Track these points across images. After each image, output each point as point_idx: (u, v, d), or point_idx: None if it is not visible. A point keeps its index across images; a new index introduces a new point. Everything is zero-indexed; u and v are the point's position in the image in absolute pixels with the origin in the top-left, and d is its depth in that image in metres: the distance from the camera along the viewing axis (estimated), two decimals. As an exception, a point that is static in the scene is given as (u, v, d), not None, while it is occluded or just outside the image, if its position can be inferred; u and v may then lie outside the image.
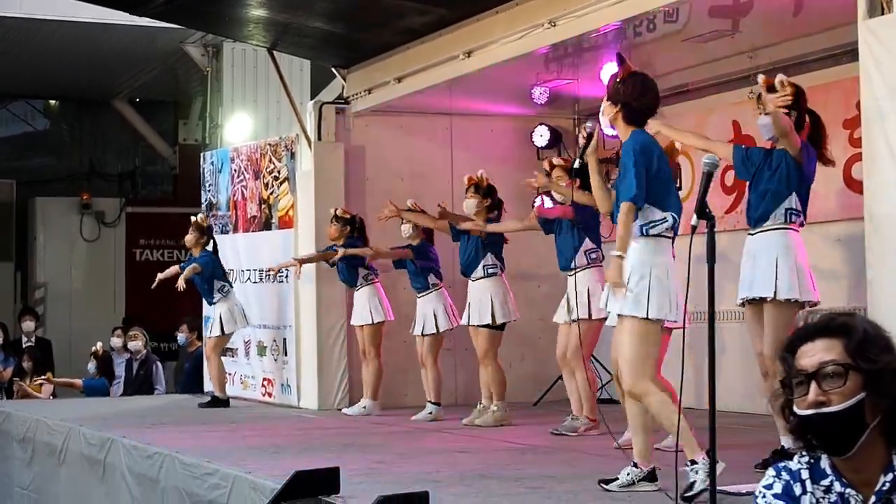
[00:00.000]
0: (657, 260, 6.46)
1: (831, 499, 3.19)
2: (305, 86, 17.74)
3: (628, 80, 6.64)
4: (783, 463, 3.31)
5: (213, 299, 12.95)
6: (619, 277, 6.37)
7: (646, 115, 6.66)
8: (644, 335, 6.45)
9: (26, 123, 23.28)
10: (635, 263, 6.41)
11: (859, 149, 7.62)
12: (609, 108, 6.63)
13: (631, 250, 6.44)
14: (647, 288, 6.36)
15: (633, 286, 6.36)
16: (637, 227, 6.43)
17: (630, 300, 6.36)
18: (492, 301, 10.44)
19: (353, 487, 6.65)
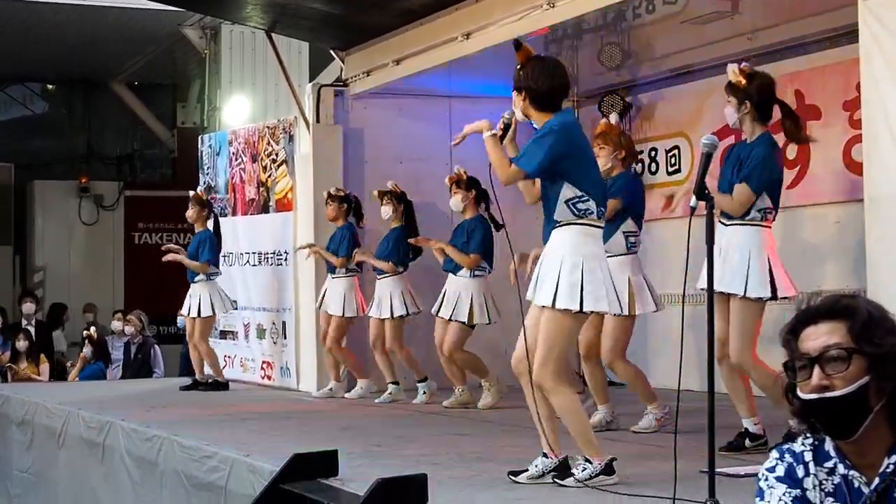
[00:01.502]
0: (590, 251, 6.31)
1: (835, 481, 3.17)
2: (304, 68, 17.71)
3: (527, 65, 6.41)
4: (786, 445, 3.28)
5: (195, 278, 12.93)
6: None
7: (555, 97, 6.41)
8: (570, 329, 6.37)
9: (24, 107, 23.26)
10: (567, 253, 6.25)
11: (859, 130, 7.60)
12: (517, 98, 6.42)
13: (561, 237, 6.29)
14: (581, 281, 6.19)
15: (563, 279, 6.19)
16: (564, 205, 6.23)
17: (563, 294, 6.18)
18: (472, 301, 10.44)
19: (352, 470, 6.65)
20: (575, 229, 6.28)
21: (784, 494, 3.18)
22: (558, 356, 6.29)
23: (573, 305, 6.18)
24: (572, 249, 6.25)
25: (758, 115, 7.35)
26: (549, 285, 6.21)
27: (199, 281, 12.83)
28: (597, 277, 6.26)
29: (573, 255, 6.23)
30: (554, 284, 6.19)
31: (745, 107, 7.33)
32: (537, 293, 6.31)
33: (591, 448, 6.24)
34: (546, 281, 6.25)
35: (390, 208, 11.31)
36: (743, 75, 7.32)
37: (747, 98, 7.32)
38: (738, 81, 7.33)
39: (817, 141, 7.90)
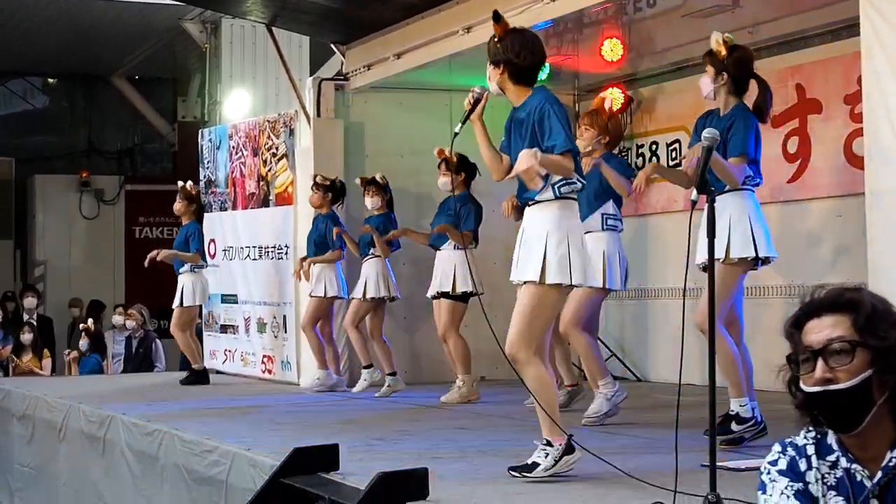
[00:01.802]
0: (573, 224, 6.26)
1: (837, 474, 3.17)
2: (304, 62, 17.71)
3: (507, 38, 6.29)
4: (789, 438, 3.28)
5: (180, 269, 12.95)
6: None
7: (534, 71, 6.33)
8: (554, 304, 6.33)
9: (25, 101, 23.25)
10: (551, 227, 6.16)
11: (860, 124, 7.61)
12: (493, 72, 6.31)
13: (542, 213, 6.21)
14: (568, 253, 6.14)
15: (551, 252, 6.12)
16: (550, 187, 6.16)
17: (551, 268, 6.11)
18: (455, 271, 10.42)
19: (353, 464, 6.64)
20: (556, 204, 6.21)
21: (786, 488, 3.17)
22: (539, 331, 6.22)
23: (564, 279, 6.13)
24: (556, 224, 6.18)
25: (733, 87, 7.34)
26: (536, 261, 6.13)
27: (184, 272, 12.87)
28: (581, 251, 6.22)
29: (558, 230, 6.17)
30: (541, 260, 6.11)
31: (722, 78, 7.33)
32: (520, 271, 6.23)
33: (554, 428, 6.16)
34: (531, 257, 6.17)
35: (378, 199, 11.31)
36: (725, 46, 7.31)
37: (724, 70, 7.32)
38: (718, 50, 7.32)
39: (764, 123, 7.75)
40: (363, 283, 11.25)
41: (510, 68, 6.26)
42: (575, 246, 6.18)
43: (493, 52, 6.32)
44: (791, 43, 10.70)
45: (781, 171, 10.76)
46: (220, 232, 14.15)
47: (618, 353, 12.63)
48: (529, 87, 6.33)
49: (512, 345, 6.14)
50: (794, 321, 3.20)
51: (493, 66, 6.32)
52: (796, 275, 10.65)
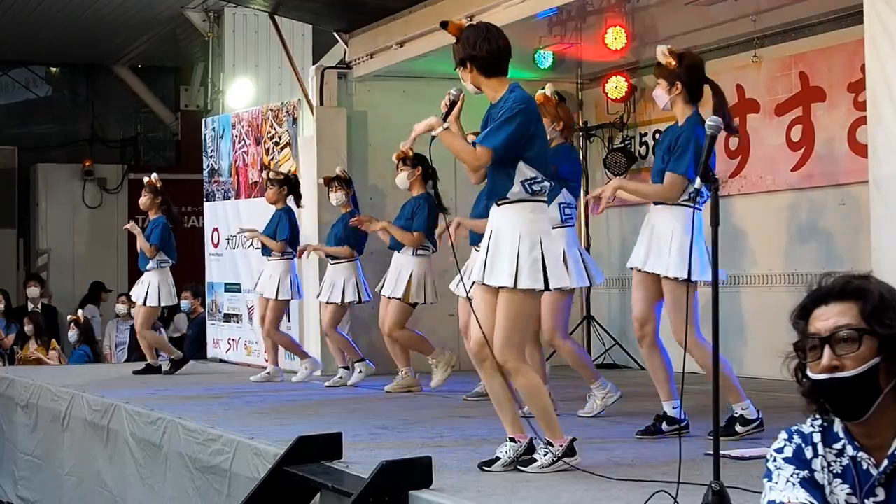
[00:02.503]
0: (545, 227, 6.20)
1: (843, 462, 3.17)
2: (307, 51, 17.66)
3: (462, 36, 6.26)
4: (795, 426, 3.28)
5: (147, 266, 12.93)
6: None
7: (501, 59, 6.24)
8: (532, 308, 6.28)
9: (28, 90, 23.22)
10: (524, 230, 6.09)
11: (864, 112, 7.59)
12: (464, 74, 6.28)
13: (512, 215, 6.14)
14: (542, 257, 6.07)
15: (524, 257, 6.05)
16: (520, 185, 6.09)
17: (524, 273, 6.04)
18: (410, 278, 10.39)
19: (356, 453, 6.65)
20: (527, 206, 6.14)
21: (792, 476, 3.17)
22: (521, 337, 6.20)
23: (538, 285, 6.07)
24: (528, 227, 6.10)
25: (688, 95, 7.29)
26: (508, 265, 6.06)
27: (150, 269, 12.84)
28: (554, 253, 6.16)
29: (531, 233, 6.09)
30: (513, 264, 6.04)
31: (676, 88, 7.28)
32: (491, 274, 6.14)
33: (552, 430, 6.15)
34: (502, 261, 6.09)
35: (342, 194, 11.27)
36: (672, 56, 7.28)
37: (678, 79, 7.27)
38: (668, 63, 7.29)
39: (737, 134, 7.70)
40: (340, 288, 11.22)
41: (477, 63, 6.21)
42: (548, 249, 6.12)
43: (456, 56, 6.28)
44: (794, 31, 10.69)
45: (785, 159, 10.75)
46: (223, 221, 14.15)
47: (621, 342, 12.64)
48: (504, 79, 6.27)
49: (500, 353, 6.09)
50: (801, 309, 3.20)
51: (461, 69, 6.28)
52: (800, 263, 10.65)
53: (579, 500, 5.32)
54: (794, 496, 3.13)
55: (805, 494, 3.13)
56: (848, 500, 3.15)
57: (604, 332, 12.86)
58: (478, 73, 6.22)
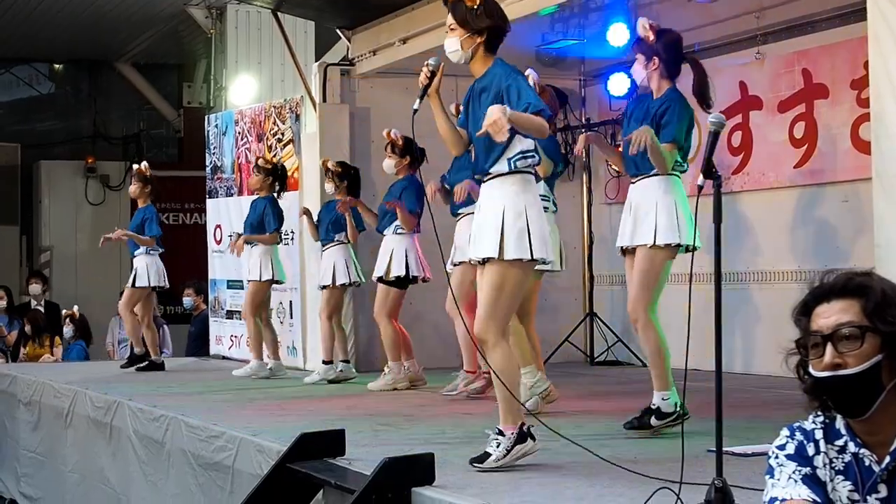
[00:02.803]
0: (530, 199, 6.12)
1: (845, 459, 3.17)
2: (310, 47, 17.67)
3: (484, 4, 6.18)
4: (797, 423, 3.27)
5: (135, 252, 12.97)
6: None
7: (503, 38, 6.29)
8: (519, 280, 6.13)
9: (31, 87, 23.22)
10: (508, 202, 6.04)
11: (867, 109, 7.59)
12: (469, 39, 6.18)
13: (500, 187, 6.09)
14: (527, 227, 6.01)
15: (509, 227, 5.99)
16: (505, 160, 6.05)
17: (510, 242, 5.98)
18: (391, 256, 10.41)
19: (359, 450, 6.65)
20: (515, 178, 6.11)
21: (794, 472, 3.18)
22: (506, 311, 6.11)
23: (524, 254, 6.01)
24: (514, 198, 6.07)
25: (665, 71, 7.30)
26: (493, 236, 6.02)
27: (139, 254, 12.87)
28: (540, 225, 6.11)
29: (515, 204, 6.05)
30: (498, 234, 6.00)
31: (654, 63, 7.30)
32: (478, 246, 6.12)
33: (510, 414, 6.07)
34: (487, 232, 6.06)
35: (331, 185, 11.29)
36: (652, 30, 7.29)
37: (655, 54, 7.29)
38: (646, 36, 7.30)
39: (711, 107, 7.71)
40: (331, 271, 11.23)
41: (491, 34, 6.20)
42: (534, 220, 6.06)
43: (472, 19, 6.18)
44: (797, 27, 10.69)
45: (788, 156, 10.75)
46: (225, 218, 14.15)
47: (623, 339, 12.64)
48: (493, 56, 6.27)
49: (479, 326, 6.03)
50: (802, 306, 3.19)
51: (471, 33, 6.19)
52: (803, 260, 10.65)
53: (583, 496, 5.32)
54: (796, 493, 3.13)
55: (808, 491, 3.12)
56: (850, 497, 3.14)
57: (606, 328, 12.86)
58: (484, 43, 6.21)
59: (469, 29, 6.20)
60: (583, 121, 13.07)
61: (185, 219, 21.03)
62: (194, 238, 16.03)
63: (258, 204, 11.94)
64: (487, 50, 6.24)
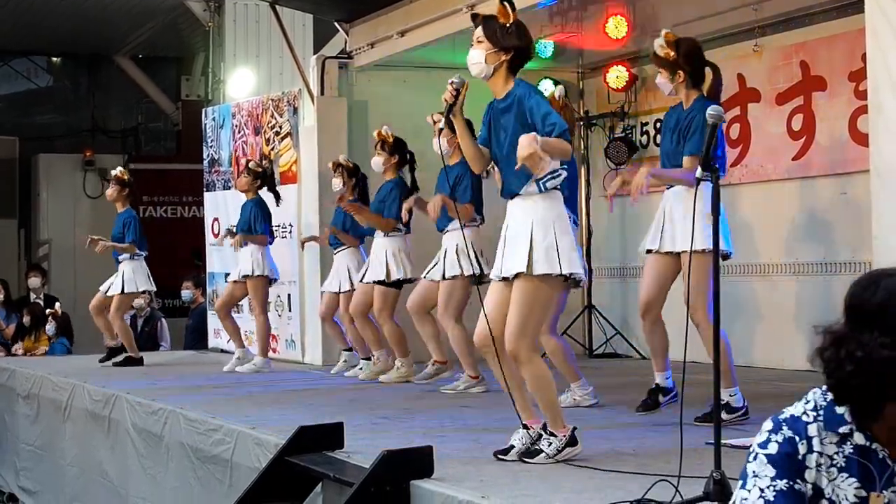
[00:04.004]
0: (558, 213, 6.16)
1: (846, 451, 2.89)
2: (308, 40, 17.64)
3: (515, 25, 6.19)
4: (785, 413, 2.95)
5: (119, 257, 12.97)
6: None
7: (525, 62, 6.30)
8: (548, 295, 6.19)
9: (29, 80, 23.20)
10: (537, 217, 6.08)
11: (864, 101, 7.58)
12: (495, 56, 6.16)
13: (528, 204, 6.12)
14: (555, 242, 6.05)
15: (538, 243, 6.03)
16: (535, 183, 6.07)
17: (539, 258, 6.02)
18: (387, 258, 10.40)
19: (358, 442, 6.65)
20: (543, 194, 6.13)
21: (768, 487, 2.88)
22: (535, 326, 6.16)
23: (552, 269, 6.04)
24: (542, 213, 6.10)
25: (691, 81, 7.39)
26: (522, 251, 6.05)
27: (123, 260, 12.87)
28: (569, 239, 6.14)
29: (544, 219, 6.09)
30: (527, 249, 6.03)
31: (679, 77, 7.39)
32: (507, 262, 6.14)
33: (558, 421, 6.14)
34: (517, 250, 6.08)
35: (340, 181, 11.24)
36: (670, 47, 7.33)
37: (678, 67, 7.36)
38: (666, 55, 7.35)
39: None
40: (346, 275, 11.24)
41: (517, 55, 6.22)
42: (562, 235, 6.10)
43: (501, 35, 6.19)
44: (795, 20, 10.68)
45: (786, 148, 10.75)
46: (223, 211, 14.14)
47: (622, 331, 12.64)
48: (514, 78, 6.28)
49: (511, 342, 6.06)
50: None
51: (497, 49, 6.19)
52: (801, 252, 10.66)
53: (582, 490, 5.32)
54: None
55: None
56: (857, 495, 2.88)
57: (605, 321, 12.86)
58: (508, 62, 6.21)
59: (497, 45, 6.21)
60: (581, 114, 13.06)
61: (182, 212, 21.01)
62: (192, 231, 16.02)
63: (246, 207, 11.94)
64: (510, 70, 6.24)
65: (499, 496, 5.15)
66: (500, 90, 6.27)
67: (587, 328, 13.10)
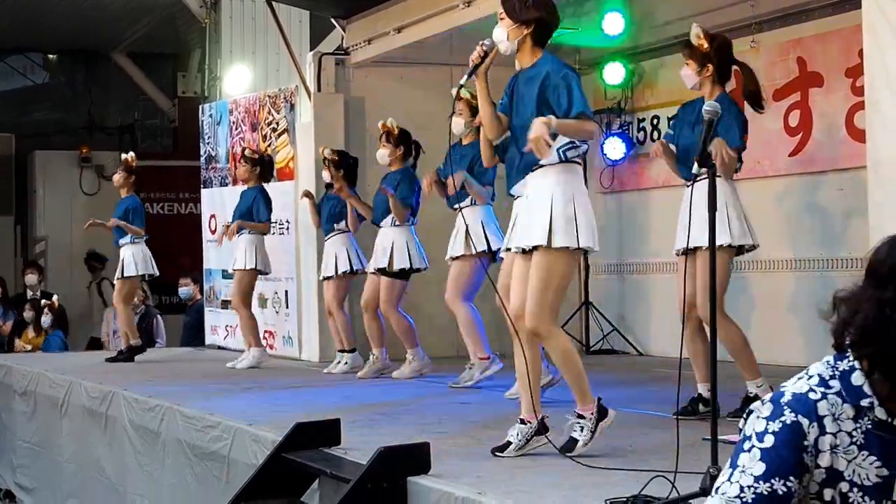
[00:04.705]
0: (578, 187, 6.19)
1: (864, 427, 2.64)
2: (305, 37, 17.64)
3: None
4: (788, 393, 2.67)
5: (120, 241, 13.00)
6: None
7: (551, 33, 6.30)
8: (568, 268, 6.20)
9: (25, 77, 23.17)
10: (557, 190, 6.07)
11: (861, 97, 7.59)
12: (517, 30, 6.16)
13: (547, 177, 6.11)
14: (574, 215, 6.04)
15: (558, 215, 6.02)
16: (555, 151, 6.05)
17: (558, 230, 6.02)
18: (392, 248, 10.38)
19: (355, 439, 6.65)
20: (563, 167, 6.14)
21: (748, 488, 2.61)
22: (555, 299, 6.14)
23: (571, 242, 6.04)
24: (563, 186, 6.10)
25: (717, 76, 7.39)
26: (541, 224, 6.04)
27: (124, 243, 12.87)
28: (588, 213, 6.14)
29: (564, 192, 6.08)
30: (547, 222, 6.03)
31: (707, 70, 7.39)
32: (525, 236, 6.13)
33: (586, 396, 6.16)
34: (535, 222, 6.08)
35: (328, 174, 11.23)
36: (706, 38, 7.34)
37: (708, 61, 7.36)
38: (700, 44, 7.35)
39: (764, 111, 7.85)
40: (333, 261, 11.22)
41: (539, 28, 6.20)
42: (581, 208, 6.09)
43: (520, 10, 6.18)
44: (792, 16, 10.68)
45: (783, 144, 10.75)
46: (220, 208, 14.13)
47: (619, 328, 12.64)
48: (542, 50, 6.27)
49: (532, 318, 6.05)
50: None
51: (518, 24, 6.19)
52: (797, 248, 10.66)
53: (579, 486, 5.32)
54: None
55: None
56: (879, 474, 2.63)
57: (602, 317, 12.86)
58: (531, 36, 6.20)
59: (516, 20, 6.20)
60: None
61: (179, 209, 20.98)
62: (189, 228, 16.01)
63: (247, 194, 11.96)
64: (535, 43, 6.23)
65: (495, 492, 5.15)
66: (527, 62, 6.26)
67: (584, 324, 13.09)
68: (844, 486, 2.62)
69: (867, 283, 2.67)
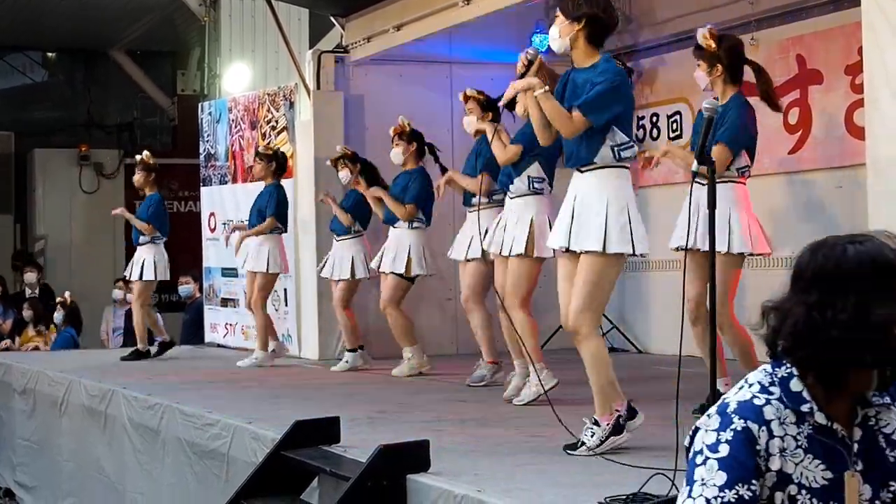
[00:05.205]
0: (630, 193, 6.20)
1: (805, 432, 2.73)
2: (304, 35, 17.64)
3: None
4: (732, 402, 2.74)
5: (140, 240, 12.96)
6: None
7: (609, 32, 6.28)
8: (616, 273, 6.24)
9: (25, 75, 23.17)
10: (612, 195, 6.09)
11: (861, 95, 7.59)
12: (568, 27, 6.15)
13: (600, 179, 6.12)
14: (628, 221, 6.07)
15: (613, 222, 6.05)
16: (609, 148, 6.07)
17: (613, 237, 6.04)
18: (409, 252, 10.35)
19: (354, 437, 6.65)
20: (612, 172, 6.14)
21: (714, 499, 2.65)
22: (601, 302, 6.21)
23: (626, 249, 6.07)
24: (616, 192, 6.11)
25: (728, 76, 7.42)
26: (596, 230, 6.05)
27: (144, 244, 12.85)
28: (638, 219, 6.17)
29: (618, 199, 6.10)
30: (602, 228, 6.04)
31: (717, 70, 7.43)
32: (577, 240, 6.13)
33: (605, 406, 6.16)
34: (589, 225, 6.08)
35: (346, 172, 11.23)
36: (713, 39, 7.35)
37: (718, 61, 7.39)
38: (708, 45, 7.37)
39: (781, 110, 7.89)
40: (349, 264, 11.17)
41: (591, 25, 6.17)
42: (634, 214, 6.13)
43: (572, 7, 6.16)
44: (791, 13, 10.67)
45: (782, 142, 10.74)
46: (219, 205, 14.13)
47: (619, 326, 12.64)
48: (598, 52, 6.23)
49: (576, 318, 6.09)
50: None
51: (570, 21, 6.17)
52: (797, 246, 10.50)
53: (578, 483, 5.33)
54: None
55: None
56: (824, 476, 2.73)
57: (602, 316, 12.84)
58: (585, 34, 6.17)
59: (568, 16, 6.19)
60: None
61: (179, 207, 20.97)
62: (188, 226, 16.01)
63: (263, 194, 11.93)
64: (590, 42, 6.19)
65: (495, 490, 5.15)
66: (582, 61, 6.22)
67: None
68: (793, 488, 2.70)
69: (793, 290, 2.80)
